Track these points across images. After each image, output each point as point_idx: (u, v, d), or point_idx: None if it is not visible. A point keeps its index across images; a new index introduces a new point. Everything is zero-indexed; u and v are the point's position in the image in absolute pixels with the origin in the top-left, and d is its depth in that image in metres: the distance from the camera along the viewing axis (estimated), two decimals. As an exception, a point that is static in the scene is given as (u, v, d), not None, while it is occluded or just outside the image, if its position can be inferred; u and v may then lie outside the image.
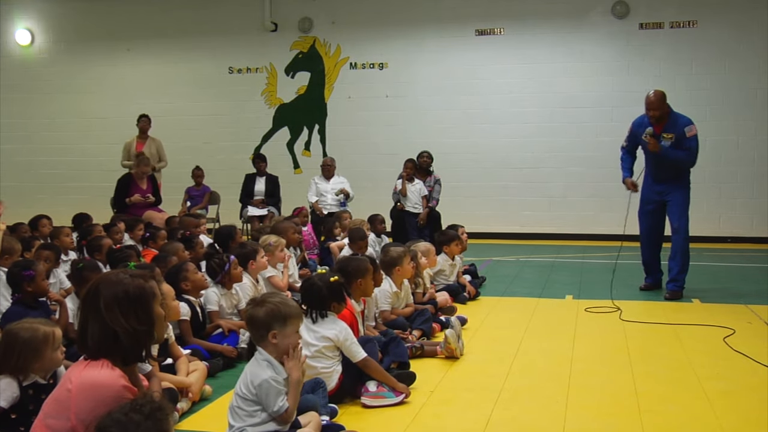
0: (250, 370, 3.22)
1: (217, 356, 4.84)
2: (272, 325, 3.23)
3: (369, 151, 13.78)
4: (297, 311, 3.34)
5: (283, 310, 3.26)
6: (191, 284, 5.15)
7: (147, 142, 11.97)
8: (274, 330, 3.22)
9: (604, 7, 12.91)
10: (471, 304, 7.14)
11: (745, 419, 3.87)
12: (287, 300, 3.39)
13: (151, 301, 2.74)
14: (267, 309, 3.25)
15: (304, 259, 8.36)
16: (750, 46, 12.35)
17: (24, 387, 3.20)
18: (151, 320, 2.73)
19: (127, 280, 2.72)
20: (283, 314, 3.25)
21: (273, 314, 3.24)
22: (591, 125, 12.91)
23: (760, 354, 5.09)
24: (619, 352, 5.28)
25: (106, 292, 2.68)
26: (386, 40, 13.79)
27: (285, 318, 3.25)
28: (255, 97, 14.39)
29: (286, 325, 3.24)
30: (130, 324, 2.65)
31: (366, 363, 4.12)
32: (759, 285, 8.25)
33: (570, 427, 3.75)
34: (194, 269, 5.24)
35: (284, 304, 3.30)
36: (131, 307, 2.67)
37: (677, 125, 7.36)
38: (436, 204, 11.01)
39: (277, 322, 3.23)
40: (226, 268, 5.53)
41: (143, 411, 2.32)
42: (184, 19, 14.47)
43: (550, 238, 12.99)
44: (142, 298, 2.71)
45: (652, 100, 7.33)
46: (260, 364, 3.21)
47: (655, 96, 7.32)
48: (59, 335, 3.32)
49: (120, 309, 2.65)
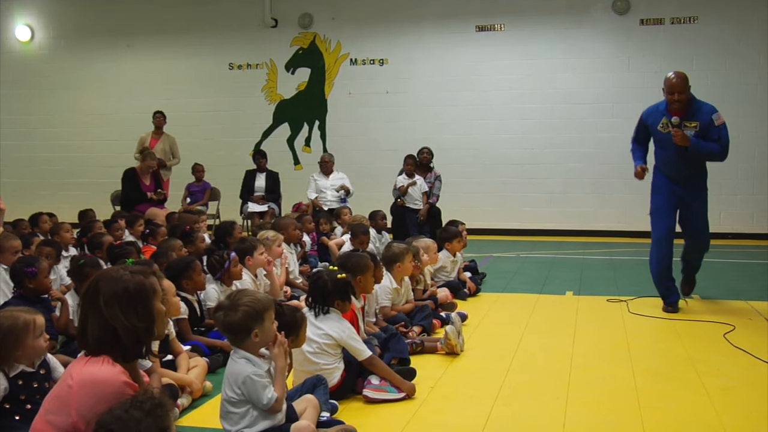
0: (230, 371, 3.19)
1: (218, 352, 4.84)
2: (252, 326, 3.19)
3: (369, 147, 13.79)
4: (267, 301, 3.29)
5: (257, 307, 3.21)
6: (192, 284, 5.15)
7: (161, 138, 12.04)
8: (255, 329, 3.19)
9: (604, 3, 12.90)
10: (471, 301, 7.14)
11: (746, 415, 3.87)
12: (254, 294, 3.35)
13: (152, 298, 2.73)
14: (242, 312, 3.19)
15: (305, 255, 8.36)
16: (750, 43, 12.34)
17: (12, 378, 3.20)
18: (151, 317, 2.72)
19: (127, 277, 2.71)
20: (258, 311, 3.21)
21: (249, 315, 3.19)
22: (591, 121, 12.91)
23: (760, 350, 5.10)
24: (619, 349, 5.28)
25: (106, 288, 2.67)
26: (386, 36, 13.78)
27: (261, 314, 3.21)
28: (255, 93, 14.39)
29: (263, 320, 3.21)
30: (130, 321, 2.64)
31: (372, 361, 4.11)
32: (759, 281, 8.25)
33: (570, 424, 3.75)
34: (200, 270, 5.24)
35: (255, 301, 3.25)
36: (131, 304, 2.66)
37: (702, 112, 6.25)
38: (436, 200, 11.01)
39: (255, 321, 3.19)
40: (226, 265, 5.53)
41: (144, 407, 2.32)
42: (185, 15, 14.47)
43: (550, 234, 13.00)
44: (142, 294, 2.70)
45: (674, 82, 6.18)
46: (238, 363, 3.18)
47: (678, 78, 6.18)
48: (41, 323, 3.30)
49: (120, 306, 2.64)
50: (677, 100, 6.16)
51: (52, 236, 7.24)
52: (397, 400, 4.06)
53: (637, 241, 7.81)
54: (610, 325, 6.02)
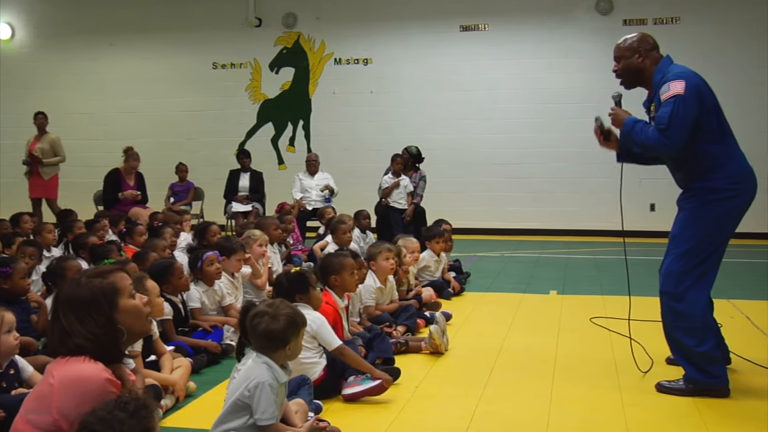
0: (248, 372, 3.09)
1: (201, 352, 4.82)
2: (290, 337, 3.15)
3: (353, 146, 13.79)
4: (303, 317, 3.28)
5: (297, 320, 3.19)
6: (172, 287, 5.13)
7: (42, 138, 11.74)
8: (291, 342, 3.15)
9: (588, 4, 12.98)
10: (456, 300, 7.15)
11: (726, 413, 3.90)
12: (293, 306, 3.33)
13: (114, 300, 2.61)
14: (284, 321, 3.14)
15: (289, 255, 8.34)
16: (730, 44, 12.46)
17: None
18: (113, 322, 2.60)
19: (83, 283, 2.60)
20: (298, 323, 3.18)
21: (291, 325, 3.15)
22: (575, 121, 12.94)
23: (741, 348, 5.12)
24: (602, 348, 5.31)
25: (63, 297, 2.59)
26: (371, 35, 13.78)
27: (299, 326, 3.19)
28: (239, 93, 14.35)
29: (299, 335, 3.19)
30: (88, 329, 2.54)
31: (341, 350, 4.11)
32: (739, 280, 8.32)
33: (554, 422, 3.76)
34: (181, 272, 5.22)
35: (296, 313, 3.22)
36: (86, 311, 2.56)
37: (660, 88, 4.29)
38: (420, 200, 11.01)
39: (294, 333, 3.15)
40: (198, 265, 5.51)
41: (127, 408, 2.30)
42: (168, 13, 14.41)
43: (534, 233, 13.05)
44: (98, 300, 2.58)
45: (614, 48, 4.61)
46: (260, 366, 3.09)
47: (620, 42, 4.59)
48: (10, 319, 3.26)
49: (75, 314, 2.55)
50: (614, 70, 4.64)
51: (35, 236, 7.19)
52: (373, 388, 4.03)
53: (620, 241, 7.81)
54: (594, 324, 6.03)
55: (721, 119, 4.31)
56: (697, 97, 4.14)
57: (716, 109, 4.28)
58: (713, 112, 4.25)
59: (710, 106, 4.23)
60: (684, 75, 4.22)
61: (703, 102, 4.18)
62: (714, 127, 4.24)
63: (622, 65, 4.54)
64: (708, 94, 4.25)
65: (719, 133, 4.28)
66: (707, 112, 4.20)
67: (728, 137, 4.34)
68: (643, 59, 4.44)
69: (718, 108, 4.30)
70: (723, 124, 4.31)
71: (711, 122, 4.23)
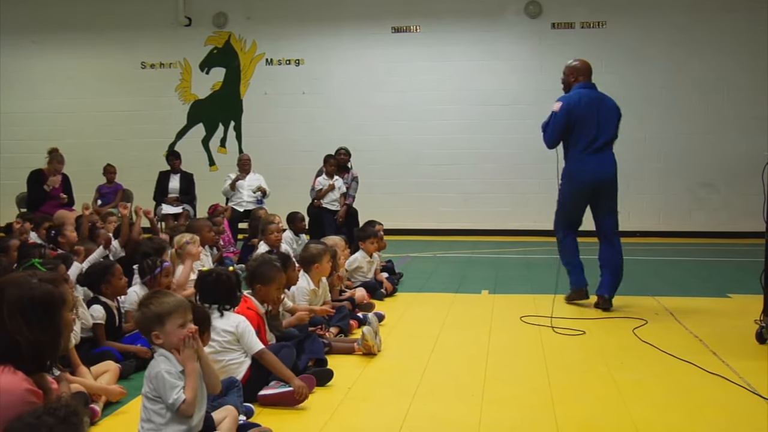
0: (149, 367, 3.19)
1: (131, 357, 4.73)
2: (152, 327, 3.19)
3: (285, 148, 13.70)
4: (171, 307, 3.22)
5: (156, 310, 3.19)
6: (112, 289, 5.02)
7: None
8: (155, 331, 3.18)
9: (517, 7, 13.17)
10: (388, 301, 7.17)
11: (653, 407, 4.00)
12: (163, 297, 3.29)
13: (60, 309, 2.57)
14: (141, 313, 3.22)
15: (221, 258, 8.25)
16: (655, 47, 12.81)
17: None
18: (57, 330, 2.57)
19: (35, 285, 2.54)
20: (157, 314, 3.18)
21: (147, 317, 3.20)
22: (507, 122, 13.14)
23: (666, 344, 5.27)
24: (533, 346, 5.39)
25: (10, 297, 2.51)
26: (302, 36, 13.72)
27: (160, 317, 3.18)
28: (169, 93, 14.12)
29: (164, 323, 3.18)
30: (33, 333, 2.49)
31: (262, 355, 4.10)
32: (665, 277, 8.56)
33: (486, 420, 3.80)
34: (120, 274, 5.11)
35: (157, 304, 3.21)
36: (35, 315, 2.51)
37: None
38: (352, 201, 11.00)
39: (153, 323, 3.19)
40: (156, 272, 5.41)
41: (57, 414, 2.24)
42: (95, 11, 14.08)
43: (466, 234, 13.17)
44: (49, 305, 2.53)
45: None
46: (157, 360, 3.18)
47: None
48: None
49: (23, 316, 2.49)
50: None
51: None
52: (285, 394, 3.98)
53: (551, 240, 7.94)
54: (524, 323, 6.12)
55: (581, 130, 6.53)
56: (566, 114, 6.50)
57: (581, 122, 6.50)
58: (577, 125, 6.51)
59: (574, 120, 6.50)
60: (564, 98, 6.64)
61: (570, 118, 6.49)
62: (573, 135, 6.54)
63: (562, 79, 6.94)
64: (576, 112, 6.52)
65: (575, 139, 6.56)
66: (572, 125, 6.52)
67: (577, 143, 6.56)
68: (575, 79, 6.86)
69: (584, 121, 6.51)
70: (580, 134, 6.53)
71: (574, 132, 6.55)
